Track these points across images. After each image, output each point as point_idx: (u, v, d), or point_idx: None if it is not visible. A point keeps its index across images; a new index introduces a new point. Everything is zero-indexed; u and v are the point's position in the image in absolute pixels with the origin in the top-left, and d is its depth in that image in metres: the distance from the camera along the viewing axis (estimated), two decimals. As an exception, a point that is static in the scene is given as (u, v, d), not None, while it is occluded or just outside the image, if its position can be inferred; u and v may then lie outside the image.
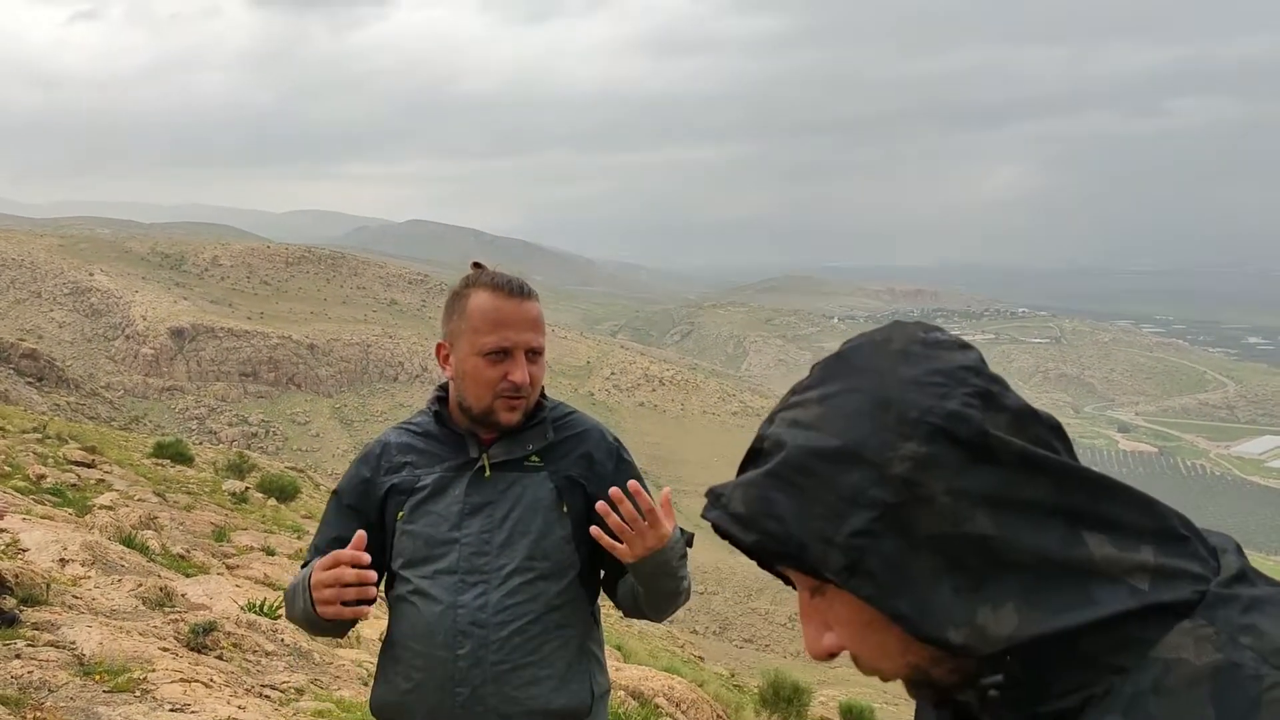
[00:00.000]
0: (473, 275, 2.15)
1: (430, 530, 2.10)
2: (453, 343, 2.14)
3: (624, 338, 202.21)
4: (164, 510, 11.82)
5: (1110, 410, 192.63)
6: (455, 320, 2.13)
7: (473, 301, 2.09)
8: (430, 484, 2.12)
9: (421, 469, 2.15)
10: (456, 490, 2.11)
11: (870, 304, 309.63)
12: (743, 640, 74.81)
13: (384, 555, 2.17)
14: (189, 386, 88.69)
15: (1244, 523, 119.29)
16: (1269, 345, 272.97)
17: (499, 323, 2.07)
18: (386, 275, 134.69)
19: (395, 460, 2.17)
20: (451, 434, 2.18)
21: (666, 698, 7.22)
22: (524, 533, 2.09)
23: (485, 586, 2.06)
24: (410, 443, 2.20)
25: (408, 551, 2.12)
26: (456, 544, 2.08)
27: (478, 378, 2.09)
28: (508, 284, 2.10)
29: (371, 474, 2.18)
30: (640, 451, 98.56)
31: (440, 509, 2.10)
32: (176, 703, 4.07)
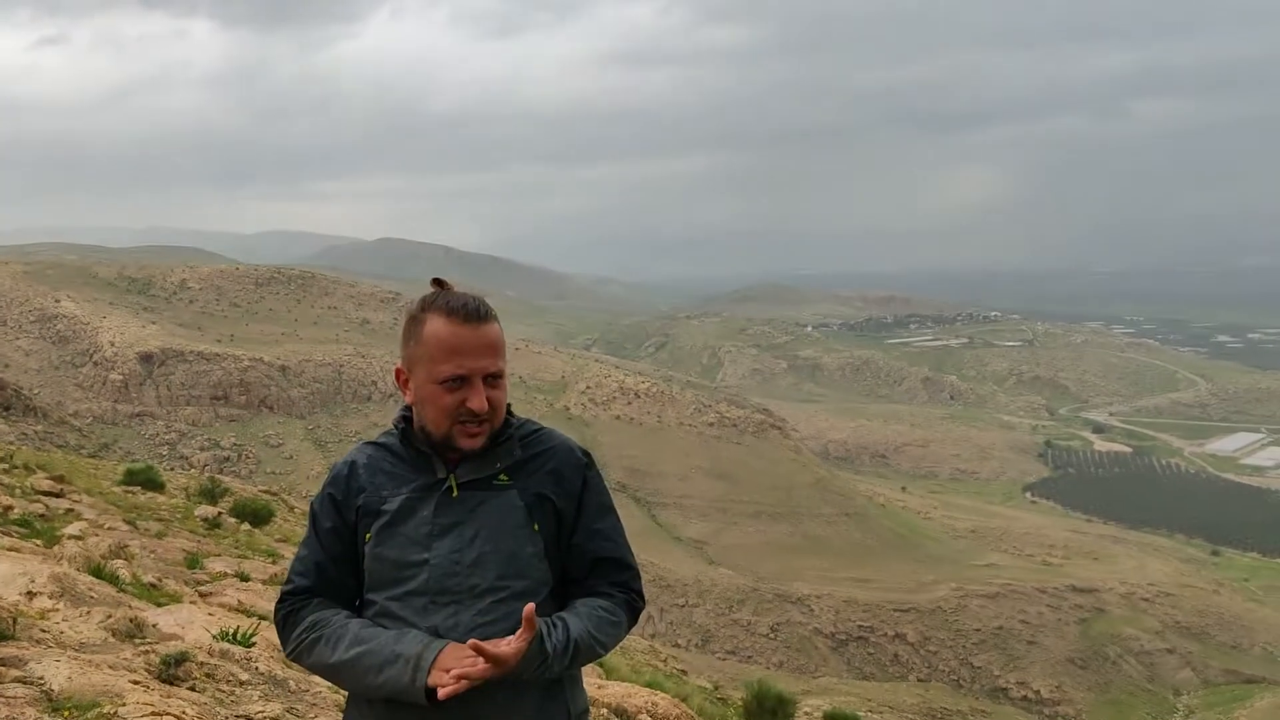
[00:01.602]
0: (429, 298, 2.14)
1: (398, 553, 2.09)
2: (410, 369, 2.13)
3: (598, 351, 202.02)
4: (134, 538, 11.62)
5: (1084, 411, 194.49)
6: (412, 346, 2.12)
7: (428, 328, 2.08)
8: (397, 505, 2.10)
9: (387, 490, 2.12)
10: (424, 511, 2.09)
11: (843, 311, 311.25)
12: (725, 652, 74.61)
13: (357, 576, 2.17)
14: (159, 412, 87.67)
15: (1219, 519, 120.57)
16: (1238, 343, 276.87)
17: (454, 350, 2.04)
18: (358, 294, 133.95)
19: (362, 481, 2.15)
20: (418, 454, 2.15)
21: (650, 714, 7.15)
22: (494, 552, 2.07)
23: (456, 608, 2.04)
24: (377, 463, 2.18)
25: (376, 574, 2.12)
26: (425, 565, 2.06)
27: (436, 404, 2.08)
28: (463, 308, 2.07)
29: (342, 495, 2.16)
30: (618, 465, 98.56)
31: (408, 530, 2.08)
32: (147, 738, 3.97)
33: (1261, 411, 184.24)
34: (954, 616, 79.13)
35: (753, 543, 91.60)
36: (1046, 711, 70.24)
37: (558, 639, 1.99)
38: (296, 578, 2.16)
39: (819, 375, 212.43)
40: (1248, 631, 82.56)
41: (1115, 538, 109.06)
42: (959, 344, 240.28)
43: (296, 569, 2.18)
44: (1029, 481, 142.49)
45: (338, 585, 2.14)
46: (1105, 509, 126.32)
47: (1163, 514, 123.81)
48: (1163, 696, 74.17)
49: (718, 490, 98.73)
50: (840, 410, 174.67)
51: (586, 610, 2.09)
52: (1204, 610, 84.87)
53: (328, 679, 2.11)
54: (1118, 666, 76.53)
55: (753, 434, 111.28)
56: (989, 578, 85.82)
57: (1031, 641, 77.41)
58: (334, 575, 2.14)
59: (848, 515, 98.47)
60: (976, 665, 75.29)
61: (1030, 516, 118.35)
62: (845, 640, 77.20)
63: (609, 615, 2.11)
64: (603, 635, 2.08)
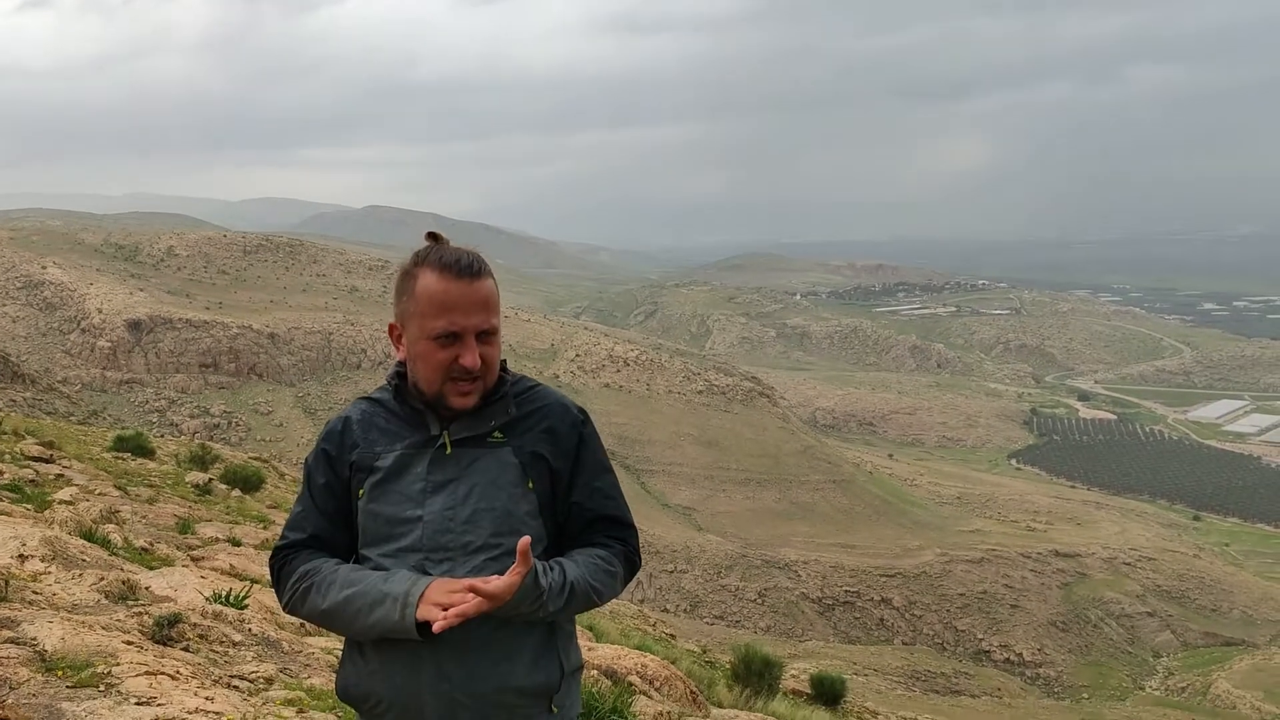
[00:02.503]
0: (422, 252, 2.12)
1: (391, 509, 2.08)
2: (403, 324, 2.12)
3: (588, 320, 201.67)
4: (125, 504, 11.65)
5: (1070, 379, 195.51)
6: (405, 301, 2.10)
7: (420, 283, 2.06)
8: (390, 462, 2.10)
9: (381, 446, 2.12)
10: (418, 468, 2.08)
11: (832, 279, 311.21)
12: (714, 617, 75.31)
13: (350, 531, 2.17)
14: (148, 379, 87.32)
15: (1202, 486, 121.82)
16: (1224, 311, 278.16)
17: (447, 306, 2.03)
18: (346, 262, 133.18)
19: (356, 437, 2.14)
20: (412, 410, 2.14)
21: (640, 676, 7.25)
22: (488, 509, 2.06)
23: (450, 564, 2.03)
24: (372, 419, 2.17)
25: (369, 530, 2.11)
26: (419, 522, 2.06)
27: (428, 361, 2.07)
28: (456, 263, 2.06)
29: (335, 451, 2.16)
30: (607, 433, 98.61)
31: (401, 487, 2.08)
32: (142, 696, 4.02)
33: (1245, 379, 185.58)
34: (939, 581, 79.96)
35: (741, 509, 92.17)
36: (1028, 673, 71.24)
37: (553, 578, 1.99)
38: (290, 532, 2.17)
39: (807, 343, 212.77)
40: (1227, 595, 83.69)
41: (1098, 503, 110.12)
42: (947, 312, 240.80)
43: (290, 524, 2.19)
44: (1014, 448, 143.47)
45: (331, 541, 2.15)
46: (1089, 475, 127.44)
47: (1146, 480, 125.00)
48: (1143, 658, 75.28)
49: (706, 457, 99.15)
50: (828, 378, 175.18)
51: (584, 558, 2.10)
52: (1184, 574, 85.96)
53: (322, 626, 2.12)
54: (1099, 629, 77.58)
55: (741, 402, 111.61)
56: (974, 543, 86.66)
57: (1015, 605, 78.34)
58: (327, 531, 2.15)
59: (835, 482, 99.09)
60: (960, 629, 76.21)
61: (1015, 483, 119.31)
62: (832, 605, 77.97)
63: (606, 564, 2.12)
64: (599, 583, 2.08)
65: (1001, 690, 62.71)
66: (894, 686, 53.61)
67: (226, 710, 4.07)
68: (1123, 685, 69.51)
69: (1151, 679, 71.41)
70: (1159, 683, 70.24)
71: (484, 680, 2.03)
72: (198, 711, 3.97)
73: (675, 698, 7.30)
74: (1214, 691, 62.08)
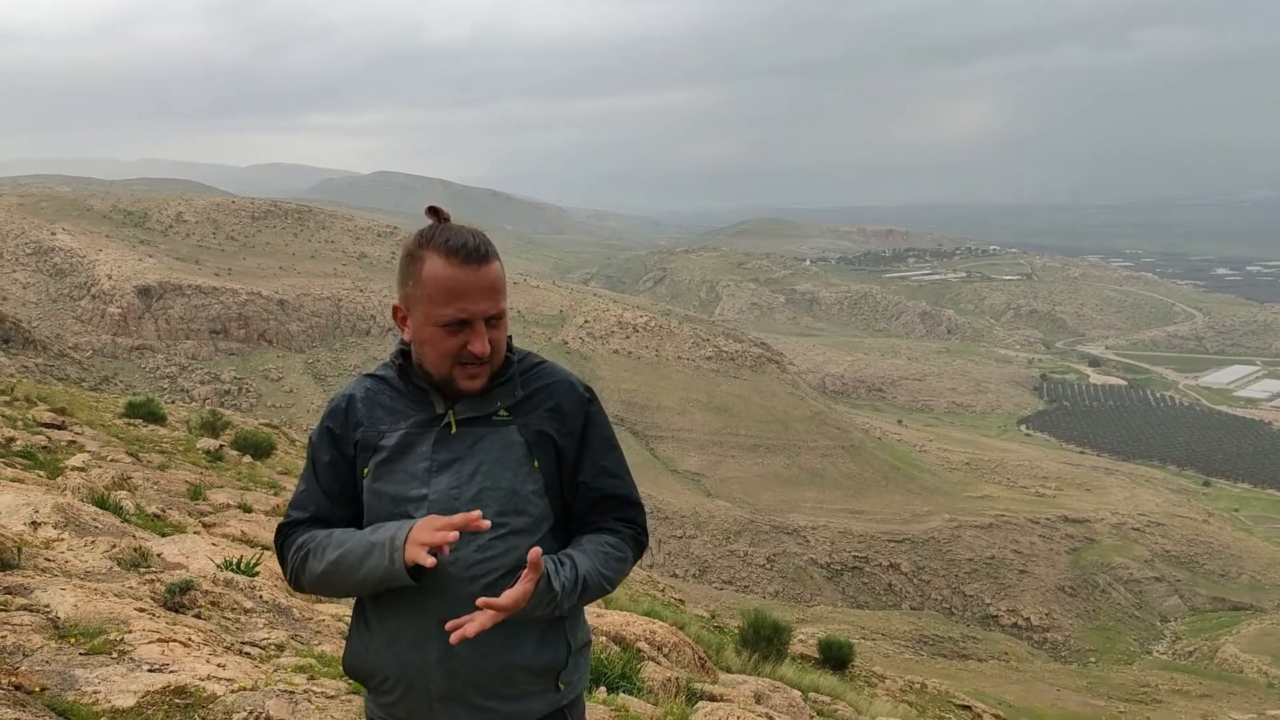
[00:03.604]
0: (426, 233, 2.07)
1: (396, 488, 2.07)
2: (409, 308, 2.08)
3: (597, 285, 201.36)
4: (137, 470, 11.71)
5: (1081, 345, 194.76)
6: (410, 286, 2.06)
7: (427, 268, 2.01)
8: (395, 441, 2.08)
9: (386, 425, 2.10)
10: (423, 447, 2.07)
11: (842, 244, 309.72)
12: (722, 582, 75.83)
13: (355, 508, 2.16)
14: (158, 345, 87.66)
15: (1212, 451, 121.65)
16: (1236, 276, 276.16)
17: (455, 293, 1.99)
18: (355, 228, 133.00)
19: (360, 415, 2.12)
20: (417, 389, 2.12)
21: (648, 642, 7.29)
22: (493, 488, 2.05)
23: (456, 542, 1.98)
24: (376, 397, 2.15)
25: (374, 509, 2.09)
26: (424, 501, 2.04)
27: (436, 347, 2.04)
28: (463, 248, 2.00)
29: (340, 429, 2.13)
30: (616, 399, 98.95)
31: (406, 466, 2.06)
32: (154, 663, 4.05)
33: (1257, 344, 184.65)
34: (947, 547, 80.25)
35: (750, 475, 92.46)
36: (1035, 638, 71.64)
37: (565, 577, 1.97)
38: (294, 511, 2.15)
39: (817, 309, 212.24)
40: (1236, 560, 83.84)
41: (1108, 469, 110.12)
42: (957, 278, 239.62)
43: (293, 503, 2.17)
44: (1024, 414, 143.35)
45: (333, 519, 2.12)
46: (1099, 441, 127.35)
47: (1156, 446, 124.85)
48: (1150, 623, 75.60)
49: (715, 423, 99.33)
50: (838, 344, 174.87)
51: (593, 547, 2.09)
52: (1193, 540, 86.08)
53: (323, 592, 2.11)
54: (1107, 594, 77.87)
55: (750, 368, 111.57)
56: (982, 509, 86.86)
57: (1023, 571, 78.64)
58: (329, 509, 2.13)
59: (844, 448, 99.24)
60: (968, 594, 76.59)
61: (1024, 449, 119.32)
62: (840, 570, 78.39)
63: (615, 551, 2.11)
64: (610, 571, 2.07)
65: (1009, 654, 63.08)
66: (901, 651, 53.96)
67: (238, 677, 4.10)
68: (1130, 649, 69.87)
69: (1159, 643, 71.76)
70: (1166, 647, 70.59)
71: (491, 657, 2.02)
72: (209, 678, 4.00)
73: (683, 663, 7.35)
74: (1221, 655, 62.36)
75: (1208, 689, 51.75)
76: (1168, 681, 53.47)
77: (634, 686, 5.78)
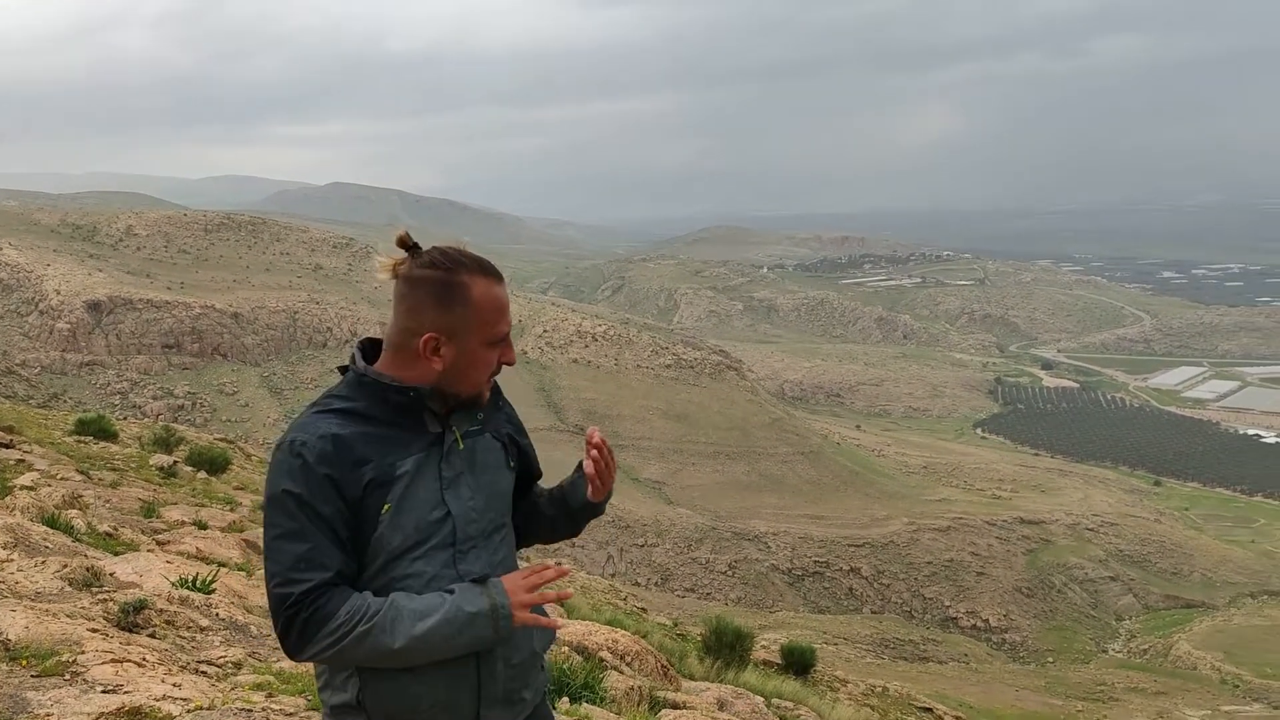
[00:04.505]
0: (447, 260, 2.09)
1: (420, 514, 2.06)
2: (452, 334, 2.07)
3: (555, 295, 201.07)
4: (89, 488, 11.49)
5: (1034, 348, 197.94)
6: (460, 311, 2.06)
7: (477, 291, 2.07)
8: (411, 468, 2.06)
9: (394, 457, 2.05)
10: (432, 468, 2.10)
11: (798, 252, 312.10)
12: (684, 590, 75.89)
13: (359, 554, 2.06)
14: (109, 361, 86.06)
15: (1162, 451, 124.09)
16: (1182, 279, 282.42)
17: (503, 310, 2.12)
18: (310, 240, 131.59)
19: (361, 452, 2.03)
20: (406, 414, 2.11)
21: (611, 651, 7.29)
22: (493, 493, 2.19)
23: (476, 550, 2.12)
24: (363, 431, 2.06)
25: (397, 541, 2.05)
26: (448, 519, 2.09)
27: (485, 365, 2.13)
28: (494, 268, 2.14)
29: (338, 473, 2.00)
30: (576, 408, 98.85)
31: (423, 492, 2.07)
32: (108, 683, 3.99)
33: (1203, 345, 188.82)
34: (906, 550, 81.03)
35: (710, 482, 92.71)
36: (995, 639, 72.54)
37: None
38: (311, 574, 1.94)
39: (774, 316, 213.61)
40: (1187, 558, 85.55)
41: (1062, 470, 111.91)
42: (912, 283, 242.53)
43: (298, 566, 1.94)
44: (980, 418, 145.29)
45: (349, 573, 2.02)
46: (1053, 443, 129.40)
47: (1108, 447, 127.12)
48: (1105, 622, 76.86)
49: (675, 431, 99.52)
50: (796, 350, 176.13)
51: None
52: (1146, 539, 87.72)
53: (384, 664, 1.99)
54: (1063, 594, 79.07)
55: (709, 375, 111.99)
56: (941, 512, 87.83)
57: (981, 572, 79.60)
58: (347, 564, 2.00)
59: (803, 454, 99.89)
60: (928, 596, 77.36)
61: (981, 452, 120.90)
62: (801, 575, 78.82)
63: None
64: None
65: (968, 656, 63.83)
66: (863, 655, 54.40)
67: (194, 696, 4.05)
68: (1086, 649, 70.98)
69: (1114, 642, 72.96)
70: (1121, 645, 71.80)
71: (522, 649, 2.16)
72: (165, 698, 3.94)
73: (646, 671, 7.36)
74: (1175, 653, 63.57)
75: (1162, 686, 52.71)
76: (1123, 680, 54.41)
77: (597, 696, 5.78)
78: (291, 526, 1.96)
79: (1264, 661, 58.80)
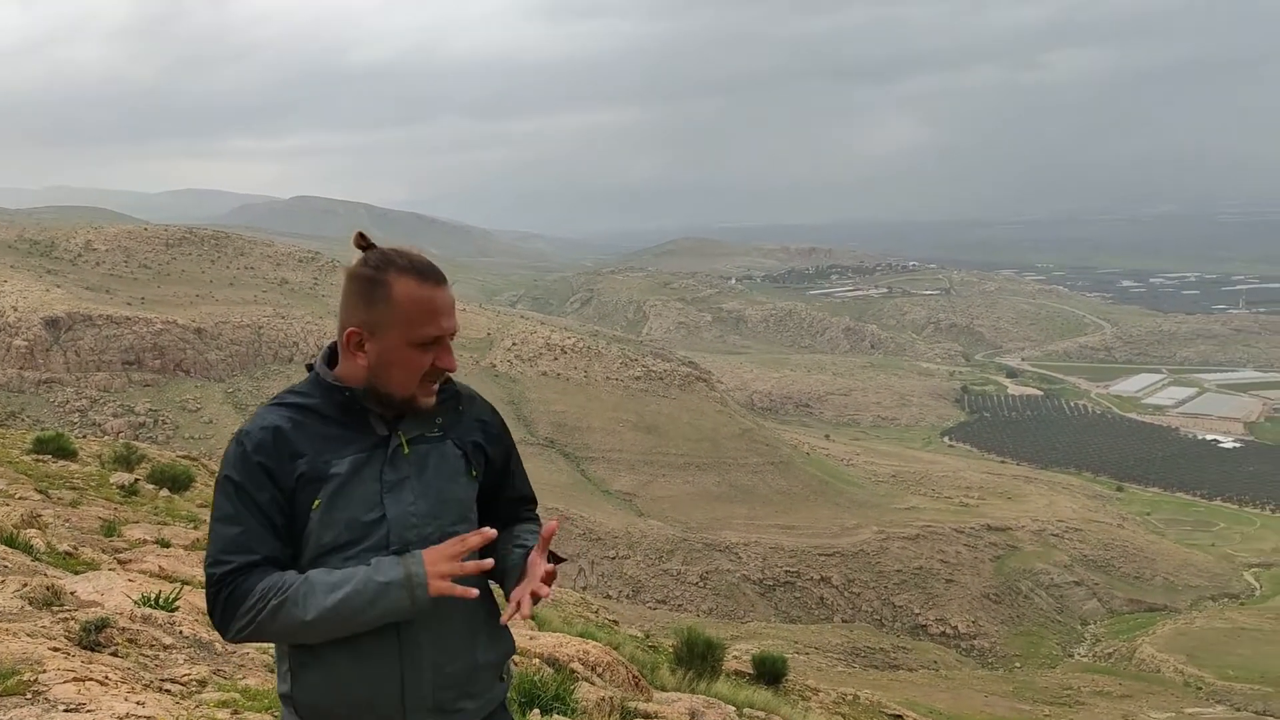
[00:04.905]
0: (380, 258, 2.12)
1: (350, 514, 2.07)
2: (373, 331, 2.10)
3: (524, 308, 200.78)
4: (48, 507, 11.30)
5: (999, 357, 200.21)
6: (380, 309, 2.09)
7: (400, 290, 2.07)
8: (346, 468, 2.08)
9: (331, 454, 2.08)
10: (374, 470, 2.10)
11: (766, 263, 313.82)
12: (656, 601, 75.77)
13: (293, 544, 2.10)
14: (68, 378, 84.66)
15: (1124, 457, 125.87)
16: (1141, 288, 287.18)
17: (434, 312, 2.09)
18: (275, 254, 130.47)
19: (298, 446, 2.08)
20: (353, 414, 2.13)
21: (582, 662, 7.27)
22: (443, 501, 2.15)
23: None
24: (306, 427, 2.11)
25: (328, 538, 2.07)
26: (383, 522, 2.08)
27: (408, 366, 2.10)
28: (430, 269, 2.12)
29: (275, 463, 2.07)
30: (546, 421, 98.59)
31: (360, 491, 2.08)
32: (71, 703, 3.92)
33: (1162, 353, 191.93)
34: (876, 559, 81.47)
35: (681, 494, 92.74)
36: (964, 645, 73.07)
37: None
38: (236, 556, 2.01)
39: (743, 327, 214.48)
40: (1149, 563, 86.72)
41: (1028, 477, 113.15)
42: (879, 294, 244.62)
43: (229, 548, 2.02)
44: (947, 426, 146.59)
45: (281, 561, 2.06)
46: (1018, 450, 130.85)
47: (1071, 453, 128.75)
48: (1071, 626, 77.69)
49: (645, 443, 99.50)
50: (764, 361, 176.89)
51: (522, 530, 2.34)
52: (1109, 544, 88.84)
53: (298, 639, 2.04)
54: (1030, 600, 79.83)
55: (679, 386, 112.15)
56: (909, 520, 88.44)
57: (950, 580, 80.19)
58: (277, 549, 2.05)
59: (773, 464, 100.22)
60: (898, 604, 77.80)
61: (948, 460, 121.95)
62: (773, 586, 78.97)
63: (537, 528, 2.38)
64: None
65: (938, 663, 64.23)
66: (834, 663, 54.54)
67: (158, 714, 3.98)
68: (1053, 653, 71.68)
69: (1080, 646, 73.74)
70: (1087, 649, 72.59)
71: (461, 658, 2.13)
72: (128, 717, 3.88)
73: (618, 683, 7.34)
74: (1139, 656, 64.35)
75: (1127, 689, 53.34)
76: (1089, 683, 54.98)
77: (568, 708, 5.76)
78: (228, 511, 2.04)
79: (1225, 664, 59.68)
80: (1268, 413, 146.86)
